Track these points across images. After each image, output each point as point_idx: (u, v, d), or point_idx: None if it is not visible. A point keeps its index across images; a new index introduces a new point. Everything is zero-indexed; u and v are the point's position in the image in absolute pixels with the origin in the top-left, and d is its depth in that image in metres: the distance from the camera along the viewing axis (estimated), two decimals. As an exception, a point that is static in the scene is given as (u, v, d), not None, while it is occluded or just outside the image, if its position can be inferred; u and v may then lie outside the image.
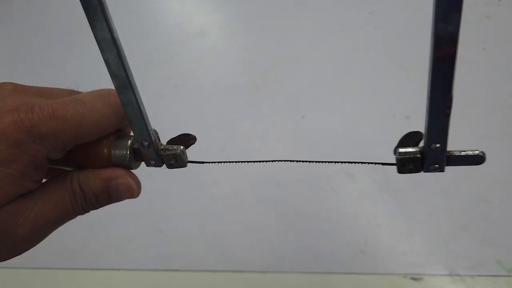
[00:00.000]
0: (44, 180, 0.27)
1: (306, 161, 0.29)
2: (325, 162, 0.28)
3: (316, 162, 0.28)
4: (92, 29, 0.22)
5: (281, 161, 0.30)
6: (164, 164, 0.28)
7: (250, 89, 0.77)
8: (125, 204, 0.29)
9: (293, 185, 0.63)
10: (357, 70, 0.76)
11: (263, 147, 0.68)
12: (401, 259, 0.54)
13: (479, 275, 0.51)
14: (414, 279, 0.52)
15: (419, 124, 0.23)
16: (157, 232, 0.61)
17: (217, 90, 0.79)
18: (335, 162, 0.28)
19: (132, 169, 0.28)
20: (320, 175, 0.63)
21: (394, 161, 0.26)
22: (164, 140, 0.28)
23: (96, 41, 0.22)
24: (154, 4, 1.02)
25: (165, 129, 0.30)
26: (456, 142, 0.24)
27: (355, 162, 0.28)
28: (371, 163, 0.28)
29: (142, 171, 0.29)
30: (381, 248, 0.55)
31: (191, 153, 0.29)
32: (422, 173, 0.25)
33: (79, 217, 0.28)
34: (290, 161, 0.29)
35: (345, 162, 0.28)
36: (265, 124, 0.71)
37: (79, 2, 0.21)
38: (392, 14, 0.83)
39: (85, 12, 0.21)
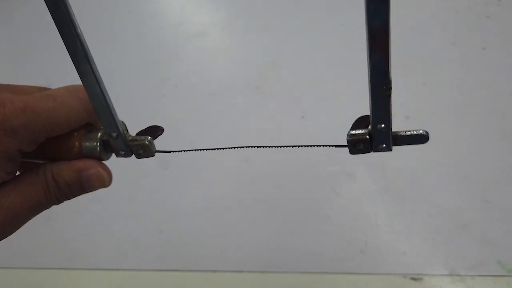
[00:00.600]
0: (18, 173, 0.28)
1: (264, 147, 0.32)
2: (281, 146, 0.32)
3: (271, 147, 0.32)
4: (57, 26, 0.23)
5: (246, 147, 0.32)
6: (133, 155, 0.29)
7: (250, 89, 0.77)
8: (126, 204, 0.29)
9: (293, 185, 0.63)
10: (357, 70, 0.75)
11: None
12: (401, 259, 0.54)
13: (479, 275, 0.51)
14: (414, 279, 0.52)
15: (419, 124, 0.24)
16: (158, 232, 0.61)
17: (217, 90, 0.79)
18: (292, 146, 0.32)
19: (103, 160, 0.29)
20: (320, 175, 0.63)
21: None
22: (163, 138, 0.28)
23: (62, 38, 0.23)
24: (154, 4, 1.02)
25: (164, 129, 0.30)
26: (457, 142, 0.24)
27: (310, 146, 0.31)
28: (325, 145, 0.31)
29: (142, 172, 0.29)
30: (381, 248, 0.55)
31: (193, 153, 0.29)
32: (422, 173, 0.25)
33: (79, 218, 0.28)
34: (252, 147, 0.32)
35: (300, 146, 0.32)
36: (265, 124, 0.71)
37: (79, 2, 0.21)
38: (391, 14, 0.83)
39: (50, 12, 0.22)
